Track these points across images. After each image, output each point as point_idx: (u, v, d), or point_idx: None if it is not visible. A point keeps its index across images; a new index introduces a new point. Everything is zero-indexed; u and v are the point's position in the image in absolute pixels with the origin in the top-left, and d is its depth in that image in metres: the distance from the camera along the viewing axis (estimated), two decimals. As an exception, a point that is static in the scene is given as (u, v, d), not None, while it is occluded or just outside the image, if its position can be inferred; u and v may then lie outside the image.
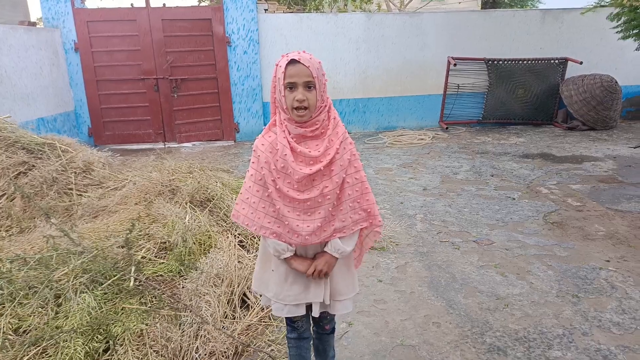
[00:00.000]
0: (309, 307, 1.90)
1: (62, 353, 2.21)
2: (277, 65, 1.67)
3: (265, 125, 6.84)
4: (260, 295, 2.04)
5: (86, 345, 2.27)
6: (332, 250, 1.76)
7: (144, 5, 7.61)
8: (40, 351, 2.24)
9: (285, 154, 1.66)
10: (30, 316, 2.42)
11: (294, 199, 1.68)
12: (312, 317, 1.95)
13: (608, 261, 3.48)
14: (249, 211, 1.76)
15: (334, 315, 2.04)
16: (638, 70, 9.05)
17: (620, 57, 8.81)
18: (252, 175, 1.76)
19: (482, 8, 21.04)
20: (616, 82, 8.19)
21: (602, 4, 6.76)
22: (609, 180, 5.47)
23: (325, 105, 1.70)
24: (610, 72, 8.47)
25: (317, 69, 1.64)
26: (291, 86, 1.63)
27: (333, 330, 2.12)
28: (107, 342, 2.36)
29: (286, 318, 1.96)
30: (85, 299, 2.47)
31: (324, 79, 1.69)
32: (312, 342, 2.14)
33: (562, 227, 4.13)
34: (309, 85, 1.63)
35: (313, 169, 1.66)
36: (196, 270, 2.95)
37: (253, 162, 1.76)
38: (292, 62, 1.62)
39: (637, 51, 6.62)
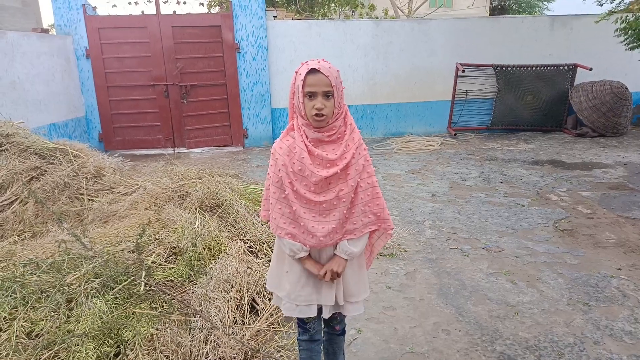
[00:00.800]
0: (320, 309, 1.93)
1: (73, 357, 2.23)
2: (296, 72, 1.72)
3: (273, 131, 6.86)
4: (271, 294, 2.07)
5: (97, 349, 2.29)
6: (340, 252, 1.82)
7: (154, 12, 7.71)
8: (52, 355, 2.26)
9: (303, 157, 1.71)
10: (43, 320, 2.44)
11: (310, 201, 1.74)
12: (323, 317, 1.98)
13: (619, 269, 3.45)
14: (269, 210, 1.87)
15: (345, 316, 2.08)
16: (648, 77, 8.99)
17: (630, 63, 8.74)
18: (270, 177, 1.83)
19: (490, 14, 21.02)
20: (626, 88, 8.14)
21: (614, 9, 6.74)
22: (619, 187, 5.42)
23: (342, 112, 1.76)
24: (620, 79, 8.42)
25: (336, 77, 1.70)
26: (310, 95, 1.68)
27: (343, 332, 2.15)
28: (118, 346, 2.38)
29: (298, 319, 2.00)
30: (96, 304, 2.49)
31: (342, 86, 1.75)
32: (322, 345, 2.15)
33: (572, 235, 4.10)
34: (327, 94, 1.69)
35: (330, 171, 1.72)
36: (206, 275, 2.96)
37: (271, 165, 1.82)
38: (312, 71, 1.67)
39: None
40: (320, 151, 1.73)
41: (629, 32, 6.39)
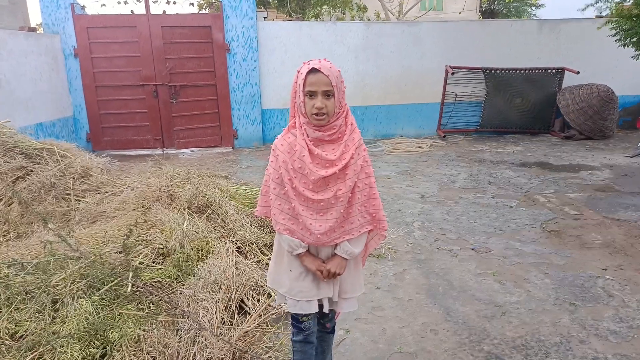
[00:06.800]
0: (321, 305, 1.94)
1: (58, 358, 2.20)
2: (298, 72, 1.74)
3: (263, 132, 6.84)
4: (275, 294, 2.08)
5: (83, 350, 2.26)
6: (342, 253, 1.84)
7: (144, 12, 7.65)
8: (37, 356, 2.23)
9: (304, 155, 1.74)
10: (27, 321, 2.41)
11: (309, 199, 1.77)
12: (318, 313, 1.99)
13: (605, 269, 3.49)
14: (266, 206, 1.89)
15: (335, 313, 2.10)
16: (634, 80, 9.11)
17: (616, 67, 8.88)
18: (270, 173, 1.85)
19: (482, 18, 21.20)
20: (613, 91, 8.25)
21: (602, 13, 6.82)
22: (605, 189, 5.49)
23: (343, 111, 1.78)
24: (607, 82, 8.53)
25: (336, 77, 1.72)
26: (311, 94, 1.71)
27: (333, 330, 2.19)
28: (104, 347, 2.35)
29: (293, 319, 2.02)
30: (82, 305, 2.46)
31: (343, 86, 1.77)
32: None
33: (559, 236, 4.14)
34: (327, 94, 1.71)
35: (329, 171, 1.74)
36: (194, 276, 2.94)
37: (272, 161, 1.84)
38: (313, 70, 1.69)
39: (635, 60, 6.67)
40: (320, 151, 1.75)
41: (618, 29, 6.46)
